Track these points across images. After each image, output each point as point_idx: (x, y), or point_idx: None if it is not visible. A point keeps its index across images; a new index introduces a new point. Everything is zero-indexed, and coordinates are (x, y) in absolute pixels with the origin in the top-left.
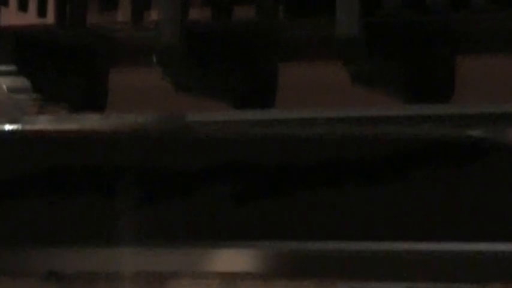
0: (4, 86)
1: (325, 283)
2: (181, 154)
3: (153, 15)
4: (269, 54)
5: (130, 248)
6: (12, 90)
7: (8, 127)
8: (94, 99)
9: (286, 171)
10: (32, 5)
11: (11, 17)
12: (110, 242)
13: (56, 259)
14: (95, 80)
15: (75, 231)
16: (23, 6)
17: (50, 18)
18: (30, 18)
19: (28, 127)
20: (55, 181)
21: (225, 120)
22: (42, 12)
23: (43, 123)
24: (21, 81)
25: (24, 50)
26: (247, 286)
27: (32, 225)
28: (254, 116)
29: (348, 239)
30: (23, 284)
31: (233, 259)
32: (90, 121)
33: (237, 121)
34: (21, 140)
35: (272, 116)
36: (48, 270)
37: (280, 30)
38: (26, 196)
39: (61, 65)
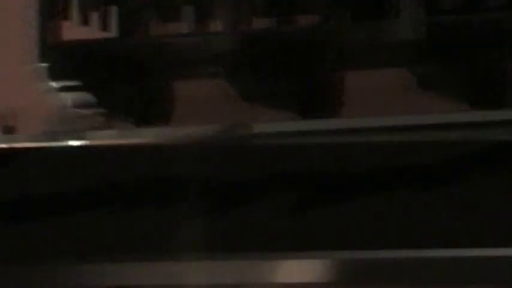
0: (69, 101)
1: None
2: (247, 165)
3: (216, 25)
4: (332, 62)
5: (194, 261)
6: (76, 105)
7: (73, 142)
8: (159, 112)
9: (352, 180)
10: (94, 19)
11: (74, 32)
12: (172, 255)
13: (120, 273)
14: (160, 92)
15: (140, 244)
16: (85, 20)
17: (112, 31)
18: (93, 32)
19: (93, 142)
20: (120, 195)
21: (291, 130)
22: (104, 26)
23: (108, 137)
24: (86, 96)
25: (87, 64)
26: None
27: (97, 239)
28: (319, 125)
29: (416, 247)
30: None
31: (298, 270)
32: (155, 134)
33: (302, 131)
34: (86, 155)
35: (338, 125)
36: (112, 285)
37: (344, 37)
38: (91, 210)
39: (125, 78)
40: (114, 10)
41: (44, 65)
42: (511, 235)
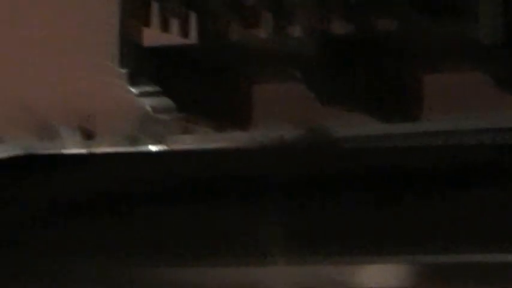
0: (148, 107)
1: None
2: (328, 168)
3: (296, 30)
4: (412, 64)
5: (277, 265)
6: (156, 110)
7: (153, 147)
8: (239, 116)
9: (435, 184)
10: (174, 25)
11: (154, 38)
12: (255, 259)
13: (206, 277)
14: (239, 96)
15: (223, 248)
16: (165, 26)
17: (192, 37)
18: (173, 38)
19: (174, 146)
20: (202, 199)
21: (372, 133)
22: (184, 32)
23: (189, 142)
24: (165, 101)
25: (167, 70)
26: None
27: (179, 243)
28: (400, 128)
29: (498, 251)
30: None
31: (382, 274)
32: (236, 138)
33: (383, 134)
34: (167, 160)
35: (419, 129)
36: None
37: (422, 39)
38: (172, 214)
39: (204, 83)
40: (193, 16)
41: (125, 70)
42: None
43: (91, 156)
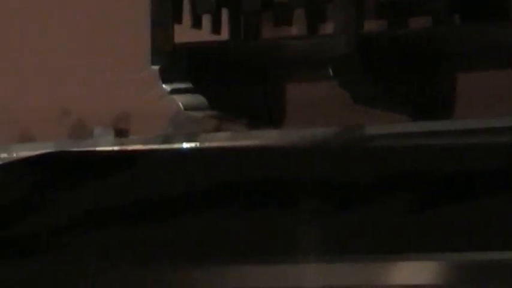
0: (180, 104)
1: None
2: (360, 167)
3: (328, 28)
4: (445, 64)
5: (310, 264)
6: (188, 107)
7: (186, 145)
8: (271, 114)
9: (465, 181)
10: (206, 22)
11: (185, 35)
12: (290, 257)
13: (237, 276)
14: (271, 93)
15: (256, 247)
16: (197, 23)
17: (224, 34)
18: (204, 35)
19: (206, 144)
20: (234, 197)
21: (404, 132)
22: (216, 28)
23: (221, 140)
24: (197, 99)
25: (199, 67)
26: None
27: (212, 242)
28: (432, 127)
29: None
30: None
31: (412, 272)
32: (268, 136)
33: (415, 132)
34: (199, 157)
35: (451, 127)
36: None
37: (455, 39)
38: (205, 213)
39: (237, 80)
40: (225, 13)
41: (157, 68)
42: None
43: (124, 154)
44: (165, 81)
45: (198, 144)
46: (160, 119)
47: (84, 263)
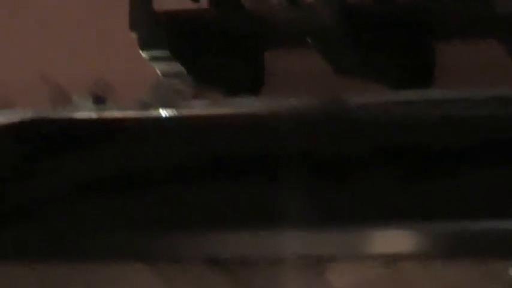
0: (159, 71)
1: (488, 263)
2: (341, 137)
3: None
4: (427, 35)
5: (290, 232)
6: (167, 75)
7: (163, 112)
8: (249, 83)
9: (446, 152)
10: None
11: (164, 2)
12: (270, 227)
13: (216, 244)
14: (250, 63)
15: (236, 216)
16: None
17: (203, 2)
18: (184, 2)
19: (183, 112)
20: (212, 166)
21: (386, 101)
22: None
23: (199, 107)
24: (175, 66)
25: (178, 34)
26: (407, 268)
27: (191, 211)
28: (414, 96)
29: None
30: (183, 269)
31: (392, 241)
32: (246, 105)
33: (396, 102)
34: (176, 125)
35: (433, 97)
36: (210, 257)
37: (439, 10)
38: (183, 182)
39: (215, 49)
40: None
41: (136, 35)
42: None
43: (102, 122)
44: (143, 49)
45: (176, 111)
46: (139, 86)
47: (65, 231)
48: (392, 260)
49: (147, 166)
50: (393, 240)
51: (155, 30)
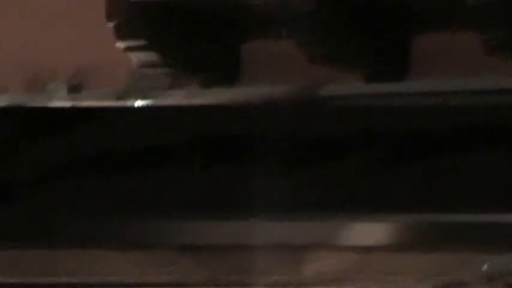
0: (135, 61)
1: (460, 255)
2: (315, 127)
3: None
4: (403, 25)
5: (264, 221)
6: (142, 64)
7: (139, 102)
8: (226, 73)
9: (420, 143)
10: None
11: None
12: (243, 215)
13: (189, 232)
14: (226, 52)
15: (209, 204)
16: None
17: None
18: None
19: (159, 102)
20: (187, 154)
21: (359, 92)
22: None
23: (175, 97)
24: (152, 56)
25: (155, 24)
26: (382, 258)
27: (165, 199)
28: (388, 88)
29: (484, 211)
30: (156, 256)
31: (368, 232)
32: (222, 95)
33: (370, 93)
34: (152, 115)
35: (406, 88)
36: (182, 244)
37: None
38: (158, 170)
39: (192, 38)
40: None
41: (112, 24)
42: None
43: (76, 110)
44: (120, 38)
45: (151, 101)
46: (115, 75)
47: (37, 217)
48: (367, 250)
49: (121, 154)
50: (368, 230)
51: (132, 19)
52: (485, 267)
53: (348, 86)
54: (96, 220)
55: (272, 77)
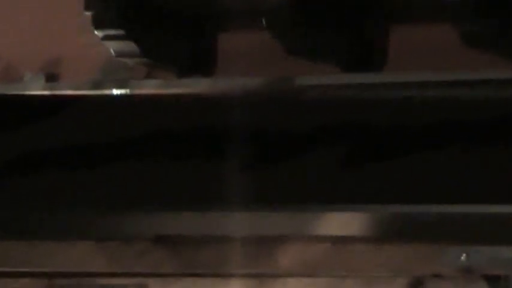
0: (111, 50)
1: (437, 246)
2: (291, 118)
3: None
4: (377, 16)
5: (239, 212)
6: (120, 54)
7: (115, 91)
8: (202, 63)
9: (395, 135)
10: None
11: None
12: (217, 206)
13: (163, 223)
14: (203, 43)
15: (183, 195)
16: None
17: None
18: None
19: (136, 91)
20: (162, 145)
21: (335, 83)
22: None
23: (151, 87)
24: (129, 45)
25: (131, 13)
26: (358, 249)
27: (139, 190)
28: (363, 79)
29: (460, 202)
30: (130, 247)
31: (343, 223)
32: (198, 85)
33: (346, 84)
34: (129, 104)
35: (381, 80)
36: (155, 235)
37: None
38: (132, 160)
39: (169, 28)
40: None
41: (89, 13)
42: None
43: (52, 99)
44: (97, 27)
45: (128, 91)
46: (92, 65)
47: (10, 208)
48: (340, 241)
49: (96, 145)
50: (341, 221)
51: (109, 9)
52: (462, 258)
53: (324, 77)
54: (71, 212)
55: (248, 67)
